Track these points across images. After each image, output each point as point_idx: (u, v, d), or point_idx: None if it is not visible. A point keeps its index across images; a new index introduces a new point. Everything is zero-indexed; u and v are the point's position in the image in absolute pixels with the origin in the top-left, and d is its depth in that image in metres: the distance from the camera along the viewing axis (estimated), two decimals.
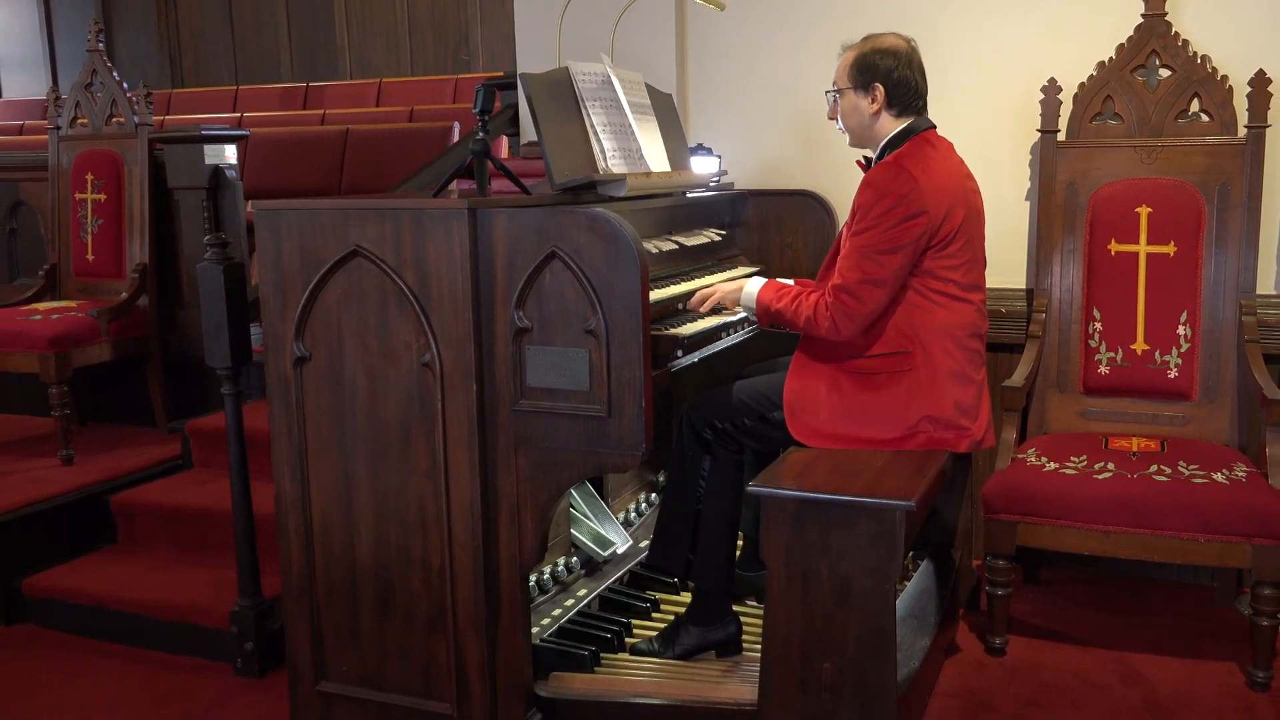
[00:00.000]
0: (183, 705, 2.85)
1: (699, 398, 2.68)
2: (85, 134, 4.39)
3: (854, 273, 2.41)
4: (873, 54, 2.52)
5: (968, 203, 2.51)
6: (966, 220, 2.48)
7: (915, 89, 2.53)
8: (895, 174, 2.41)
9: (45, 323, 3.85)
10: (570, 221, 2.15)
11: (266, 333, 2.42)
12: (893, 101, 2.51)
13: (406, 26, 8.63)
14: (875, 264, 2.40)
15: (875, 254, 2.40)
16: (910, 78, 2.51)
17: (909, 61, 2.52)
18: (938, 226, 2.42)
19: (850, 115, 2.58)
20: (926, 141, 2.52)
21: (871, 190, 2.42)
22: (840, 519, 2.18)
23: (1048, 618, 3.21)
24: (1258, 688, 2.76)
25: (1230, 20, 3.20)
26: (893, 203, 2.38)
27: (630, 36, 3.56)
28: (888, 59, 2.50)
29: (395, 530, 2.38)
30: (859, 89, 2.54)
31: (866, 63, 2.52)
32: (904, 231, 2.39)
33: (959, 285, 2.49)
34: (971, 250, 2.52)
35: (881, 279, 2.40)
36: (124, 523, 3.59)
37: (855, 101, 2.55)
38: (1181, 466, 2.86)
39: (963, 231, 2.47)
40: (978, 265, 2.57)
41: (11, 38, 10.08)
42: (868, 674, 2.19)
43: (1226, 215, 3.17)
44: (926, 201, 2.39)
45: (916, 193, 2.38)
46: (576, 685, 2.44)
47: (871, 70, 2.51)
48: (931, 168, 2.45)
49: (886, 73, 2.50)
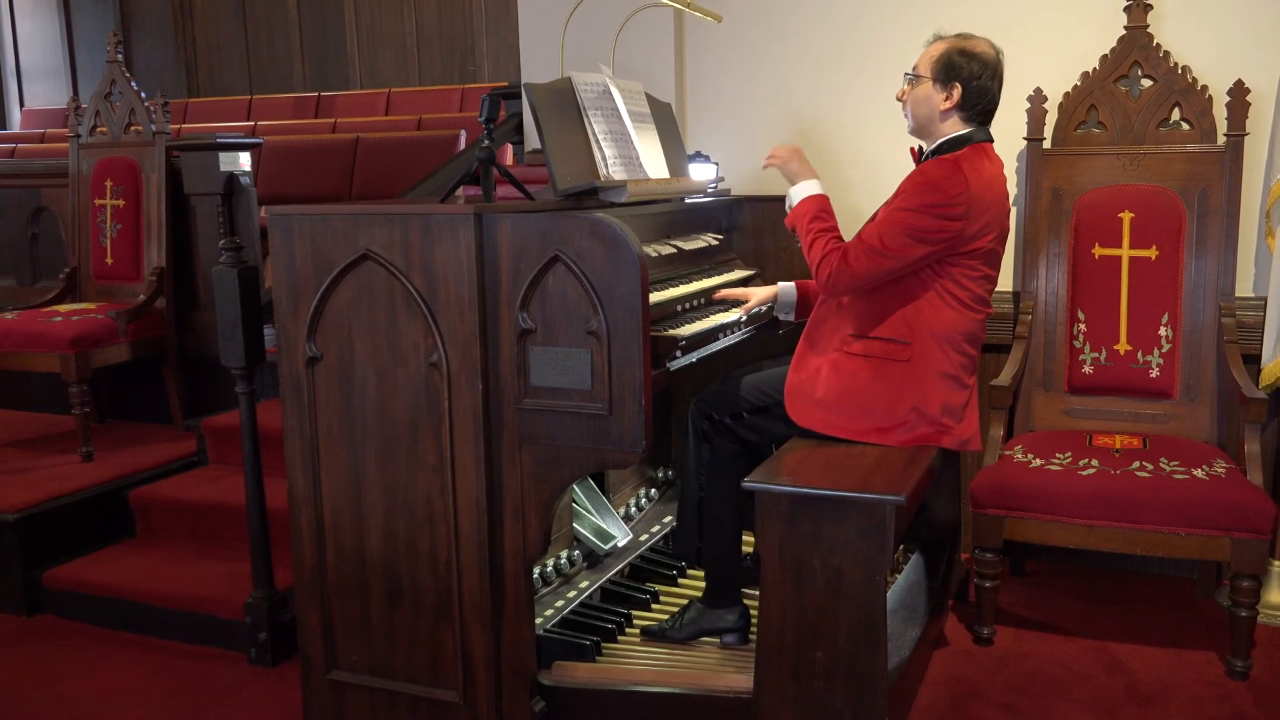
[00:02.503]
0: (198, 693, 2.85)
1: (702, 393, 2.69)
2: (105, 142, 4.39)
3: (874, 240, 2.39)
4: (961, 54, 2.44)
5: (1003, 226, 2.49)
6: (998, 238, 2.46)
7: (990, 100, 2.47)
8: (952, 173, 2.37)
9: (66, 324, 3.85)
10: (573, 226, 2.15)
11: (279, 333, 2.42)
12: (965, 105, 2.45)
13: (415, 38, 8.62)
14: (898, 242, 2.37)
15: (903, 234, 2.37)
16: (990, 88, 2.45)
17: (994, 73, 2.45)
18: (973, 236, 2.39)
19: (921, 104, 2.49)
20: (984, 153, 2.46)
21: (924, 179, 2.39)
22: (832, 513, 2.18)
23: (1034, 609, 3.21)
24: (1236, 676, 2.77)
25: (1210, 32, 3.21)
26: (940, 199, 2.35)
27: (631, 48, 3.57)
28: (975, 63, 2.43)
29: (404, 524, 2.38)
30: (938, 82, 2.46)
31: (953, 61, 2.44)
32: (939, 228, 2.36)
33: (973, 296, 2.47)
34: (993, 267, 2.50)
35: (894, 256, 2.38)
36: (142, 517, 3.60)
37: (930, 93, 2.47)
38: (1163, 463, 2.86)
39: (992, 247, 2.45)
40: (993, 284, 2.54)
41: (33, 49, 10.07)
42: (859, 663, 2.19)
43: (1206, 220, 3.17)
44: (971, 208, 2.36)
45: (966, 198, 2.35)
46: (579, 674, 2.45)
47: (956, 70, 2.44)
48: (984, 179, 2.41)
49: (970, 77, 2.43)
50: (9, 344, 3.88)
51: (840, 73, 3.56)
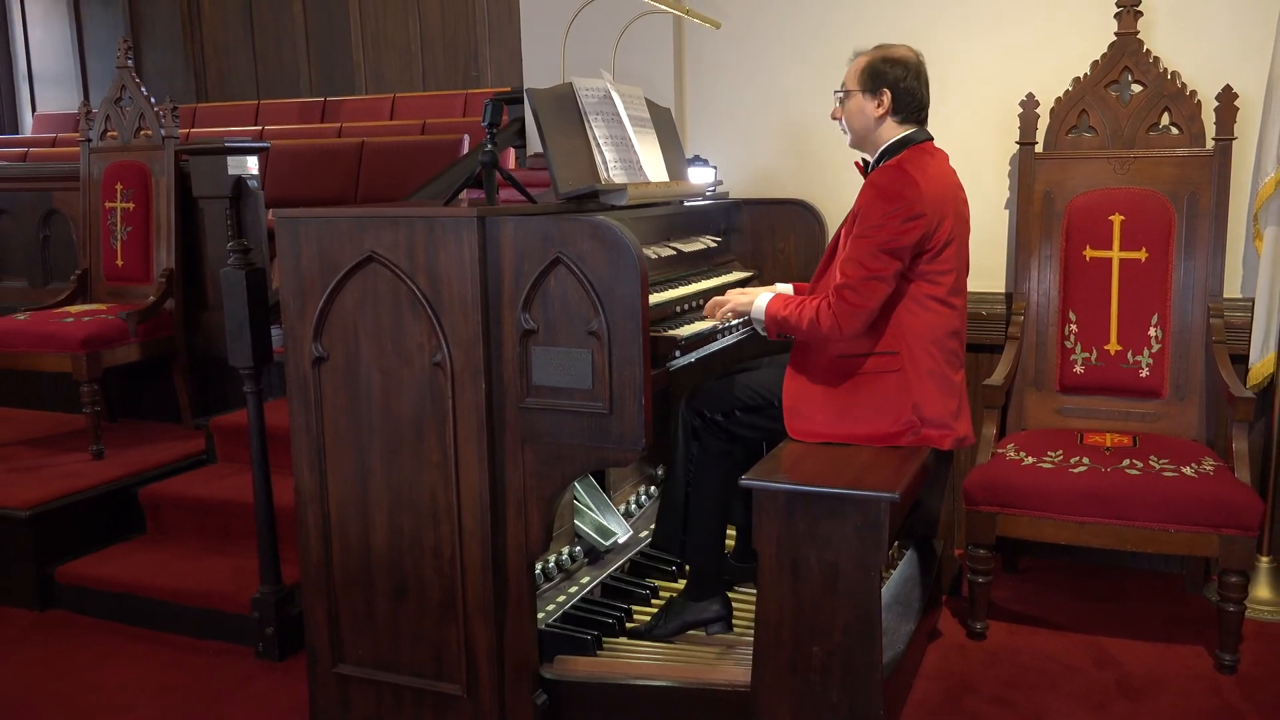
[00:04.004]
0: (207, 686, 2.86)
1: (695, 389, 2.69)
2: (115, 146, 4.39)
3: (858, 270, 2.40)
4: (884, 62, 2.52)
5: (958, 212, 2.52)
6: (957, 228, 2.49)
7: (919, 100, 2.53)
8: (898, 176, 2.41)
9: (77, 325, 3.85)
10: (574, 229, 2.15)
11: (286, 334, 2.42)
12: (897, 109, 2.51)
13: (419, 44, 8.63)
14: (879, 261, 2.39)
15: (879, 252, 2.39)
16: (916, 88, 2.52)
17: (917, 73, 2.52)
18: (933, 231, 2.42)
19: (855, 117, 2.57)
20: (925, 151, 2.52)
21: (875, 191, 2.42)
22: (828, 510, 2.18)
23: (1026, 604, 3.21)
24: (1224, 670, 2.77)
25: (1199, 39, 3.21)
26: (897, 204, 2.38)
27: (631, 54, 3.57)
28: (897, 68, 2.50)
29: (408, 521, 2.38)
30: (867, 92, 2.53)
31: (877, 69, 2.52)
32: (906, 232, 2.38)
33: (949, 289, 2.49)
34: (960, 258, 2.53)
35: (884, 276, 2.40)
36: (151, 514, 3.59)
37: (862, 104, 2.54)
38: (1152, 461, 2.86)
39: (953, 239, 2.47)
40: (964, 272, 2.57)
41: (45, 55, 10.09)
42: (855, 657, 2.20)
43: (1195, 223, 3.17)
44: (926, 205, 2.39)
45: (918, 196, 2.38)
46: (580, 668, 2.45)
47: (881, 77, 2.51)
48: (930, 175, 2.45)
49: (895, 81, 2.50)
50: (21, 344, 3.88)
51: (837, 77, 3.54)
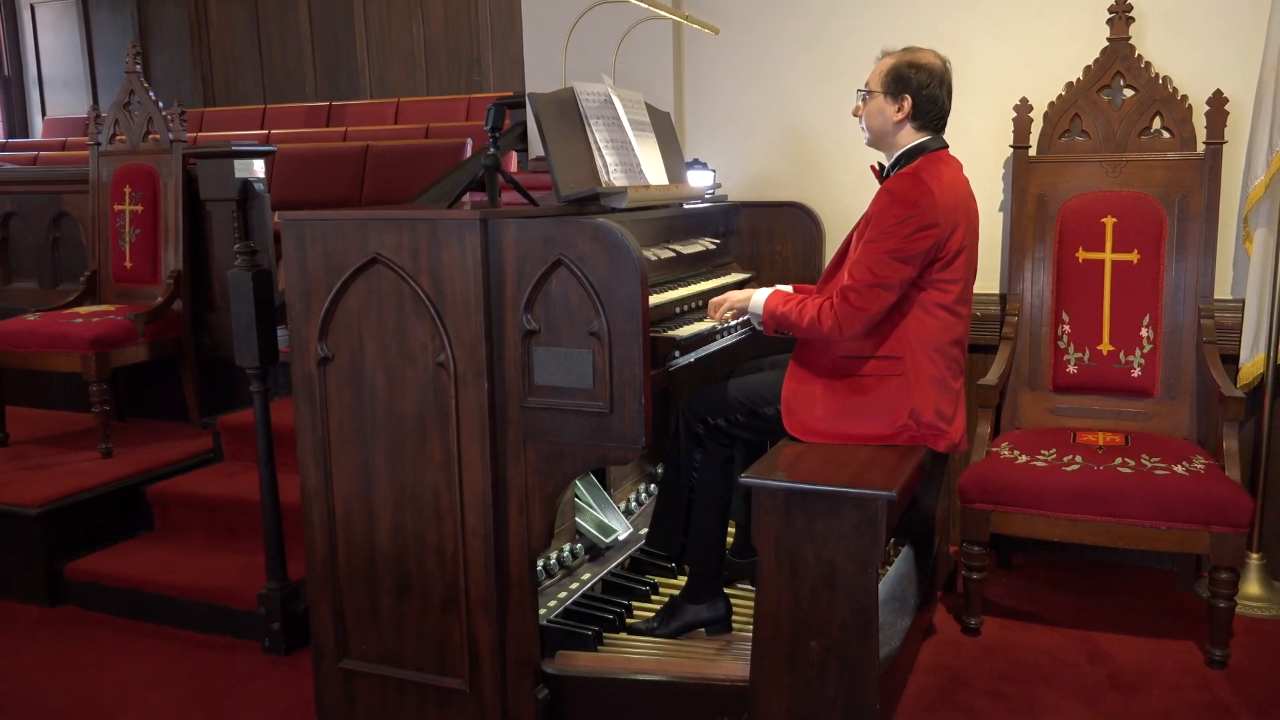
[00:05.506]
0: (214, 681, 2.85)
1: (694, 393, 2.68)
2: (124, 150, 4.39)
3: (865, 275, 2.37)
4: (909, 66, 2.46)
5: (970, 222, 2.48)
6: (968, 238, 2.46)
7: (941, 108, 2.48)
8: (913, 185, 2.37)
9: (86, 325, 3.85)
10: (575, 231, 2.15)
11: (292, 334, 2.42)
12: (916, 115, 2.46)
13: (423, 49, 8.62)
14: (887, 268, 2.36)
15: (888, 259, 2.35)
16: (939, 96, 2.47)
17: (940, 81, 2.47)
18: (945, 240, 2.39)
19: (874, 117, 2.51)
20: (940, 159, 2.47)
21: (890, 198, 2.38)
22: (826, 508, 2.18)
23: (1020, 600, 3.21)
24: (1215, 665, 2.77)
25: (1190, 44, 3.21)
26: (910, 212, 2.34)
27: (631, 59, 3.57)
28: (922, 74, 2.45)
29: (412, 518, 2.38)
30: (889, 95, 2.47)
31: (901, 73, 2.46)
32: (916, 241, 2.35)
33: (956, 298, 2.46)
34: (969, 267, 2.50)
35: (890, 283, 2.37)
36: (159, 511, 3.59)
37: (882, 106, 2.49)
38: (1144, 459, 2.86)
39: (964, 249, 2.44)
40: (972, 281, 2.53)
41: (55, 60, 10.08)
42: (852, 652, 2.19)
43: (1186, 225, 3.17)
44: (939, 215, 2.35)
45: (932, 205, 2.34)
46: (581, 663, 2.44)
47: (904, 82, 2.45)
48: (945, 184, 2.41)
49: (918, 87, 2.45)
50: (32, 345, 3.88)
51: (833, 82, 3.56)
